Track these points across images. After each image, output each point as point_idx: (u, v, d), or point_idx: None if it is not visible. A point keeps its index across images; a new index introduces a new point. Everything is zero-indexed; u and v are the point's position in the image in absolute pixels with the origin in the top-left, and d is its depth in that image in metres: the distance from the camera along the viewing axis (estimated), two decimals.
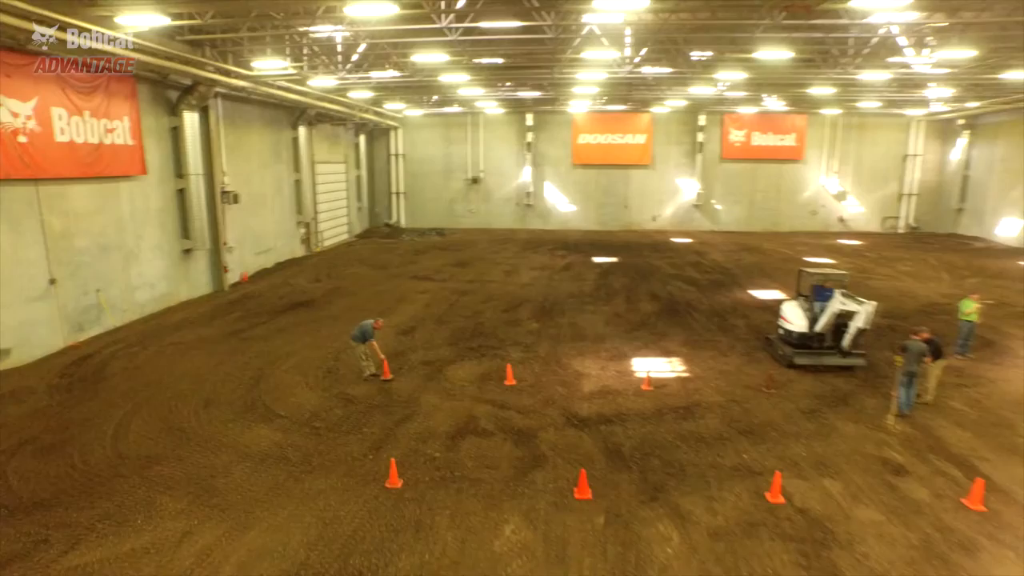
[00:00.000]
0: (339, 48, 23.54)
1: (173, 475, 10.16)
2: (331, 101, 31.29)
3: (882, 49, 22.78)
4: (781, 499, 9.27)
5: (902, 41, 21.55)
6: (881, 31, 20.63)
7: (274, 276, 27.44)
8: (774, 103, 38.85)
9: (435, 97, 37.16)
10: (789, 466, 10.24)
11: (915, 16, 17.75)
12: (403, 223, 45.03)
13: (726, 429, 11.70)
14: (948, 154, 43.91)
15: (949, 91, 31.97)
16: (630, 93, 35.00)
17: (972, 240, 40.41)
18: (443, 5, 16.49)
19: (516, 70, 27.07)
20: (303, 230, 33.81)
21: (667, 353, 16.32)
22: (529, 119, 42.96)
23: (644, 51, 23.29)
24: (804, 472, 10.13)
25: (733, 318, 19.80)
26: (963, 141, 42.64)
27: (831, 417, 12.29)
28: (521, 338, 17.67)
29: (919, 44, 22.06)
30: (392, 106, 39.18)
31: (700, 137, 43.72)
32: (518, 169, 44.60)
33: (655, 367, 15.05)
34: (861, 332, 13.80)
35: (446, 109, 41.72)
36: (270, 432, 11.72)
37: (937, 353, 12.69)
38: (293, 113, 31.21)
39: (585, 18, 18.25)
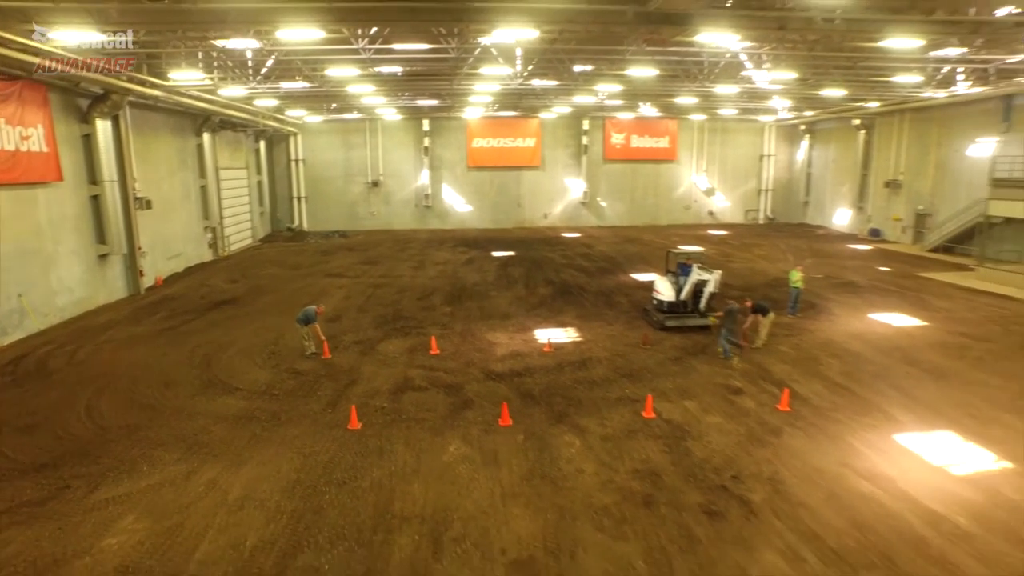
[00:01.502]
0: (250, 60, 25.03)
1: (159, 437, 11.98)
2: (237, 109, 32.38)
3: (730, 68, 27.09)
4: (652, 414, 12.50)
5: (746, 62, 25.88)
6: (728, 55, 24.76)
7: (188, 279, 28.36)
8: (649, 110, 43.46)
9: (334, 104, 38.80)
10: (659, 395, 13.52)
11: (748, 44, 21.78)
12: (305, 227, 46.09)
13: (612, 374, 14.91)
14: (795, 155, 50.45)
15: (788, 102, 37.47)
16: (520, 101, 38.23)
17: (816, 228, 46.90)
18: (359, 31, 18.76)
19: (417, 81, 29.47)
20: (210, 235, 34.56)
21: (563, 324, 19.46)
22: (426, 124, 45.34)
23: (533, 66, 26.38)
24: (670, 397, 13.45)
25: (617, 296, 23.30)
26: (805, 144, 49.35)
27: (692, 362, 15.83)
28: (438, 319, 20.25)
29: (758, 65, 26.51)
30: (294, 113, 40.41)
31: (585, 140, 47.72)
32: (416, 172, 46.85)
33: (554, 335, 18.13)
34: (713, 296, 17.53)
35: (346, 116, 43.34)
36: (235, 401, 13.69)
37: (764, 312, 16.56)
38: (197, 120, 32.05)
39: (482, 39, 21.01)
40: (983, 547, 8.30)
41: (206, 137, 32.97)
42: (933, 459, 10.77)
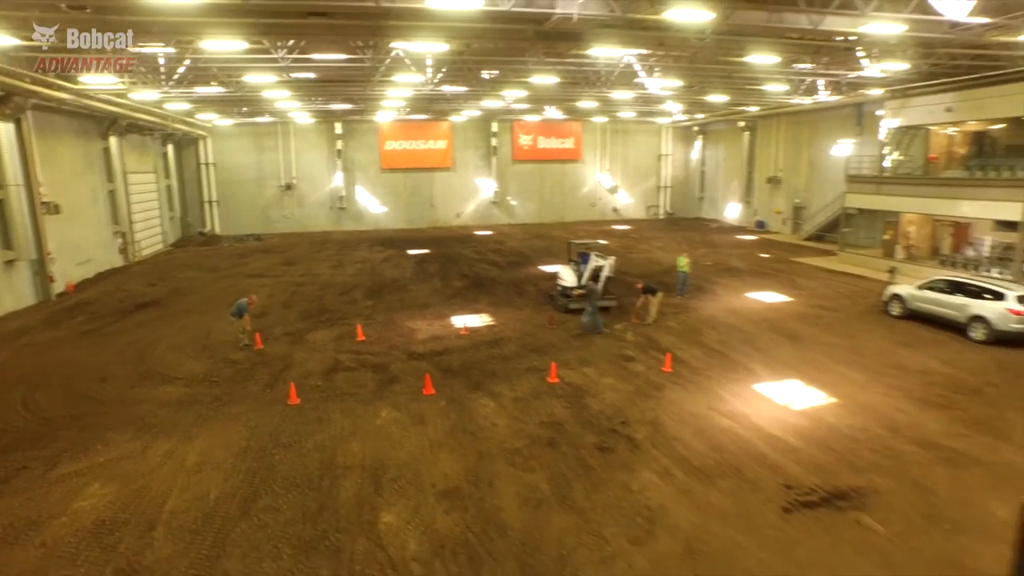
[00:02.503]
0: (163, 65, 25.40)
1: (107, 422, 12.91)
2: (146, 112, 32.33)
3: (625, 76, 29.66)
4: (556, 380, 14.53)
5: (639, 71, 28.47)
6: (622, 64, 27.23)
7: (102, 284, 28.26)
8: (554, 112, 45.92)
9: (246, 108, 39.03)
10: (563, 364, 15.57)
11: (637, 55, 24.30)
12: (218, 231, 45.82)
13: (521, 350, 16.88)
14: (690, 154, 54.40)
15: (680, 106, 40.83)
16: (431, 105, 39.78)
17: (710, 221, 50.87)
18: (279, 43, 19.90)
19: (332, 86, 30.54)
20: (120, 240, 34.21)
21: (477, 311, 21.30)
22: (339, 128, 46.11)
23: (443, 73, 28.05)
24: (572, 366, 15.54)
25: (527, 286, 25.38)
26: (699, 144, 53.36)
27: (592, 337, 18.04)
28: (361, 311, 21.63)
29: (649, 73, 29.22)
30: (204, 116, 40.33)
31: (494, 142, 49.77)
32: (330, 174, 47.50)
33: (469, 320, 19.94)
34: (610, 279, 19.85)
35: (257, 119, 43.53)
36: (175, 389, 14.70)
37: (653, 292, 19.03)
38: (103, 123, 31.75)
39: (395, 47, 22.46)
40: (804, 456, 10.77)
41: (113, 141, 32.67)
42: (780, 400, 13.34)
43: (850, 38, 20.43)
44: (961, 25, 17.28)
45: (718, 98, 34.32)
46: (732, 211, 49.42)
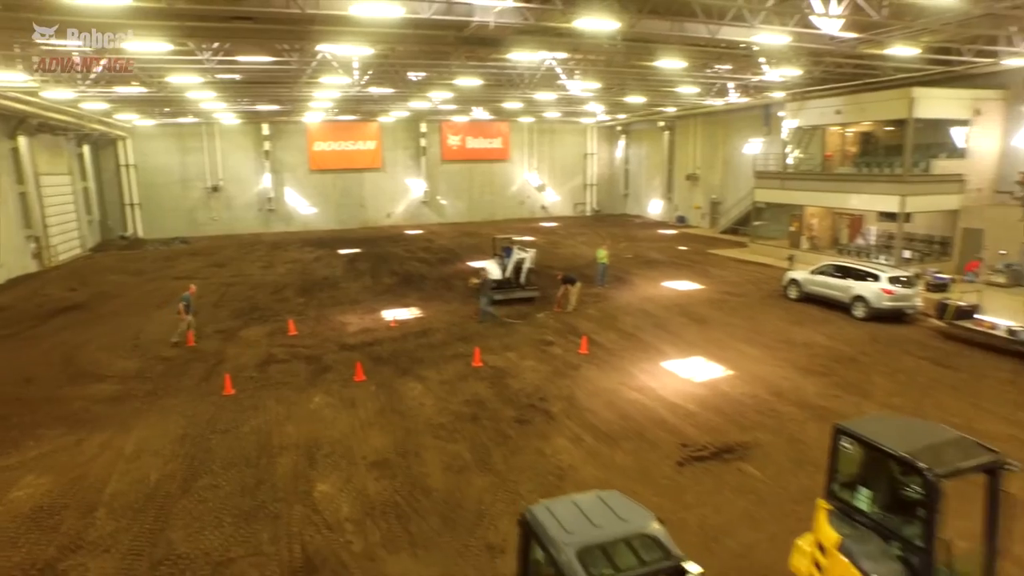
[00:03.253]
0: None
1: (36, 420, 13.07)
2: (59, 111, 31.51)
3: (547, 78, 30.91)
4: (481, 364, 15.54)
5: (561, 73, 29.76)
6: (544, 67, 28.42)
7: (15, 290, 27.40)
8: (481, 113, 46.92)
9: (167, 108, 38.36)
10: (487, 350, 16.59)
11: (557, 59, 25.54)
12: (141, 234, 44.69)
13: (448, 339, 17.83)
14: (614, 152, 56.42)
15: (602, 107, 42.52)
16: (359, 106, 40.12)
17: (635, 217, 52.94)
18: (204, 45, 20.12)
19: (258, 87, 30.61)
20: (34, 244, 33.20)
21: (407, 305, 22.10)
22: (266, 128, 45.75)
23: (370, 75, 28.61)
24: (496, 351, 16.58)
25: (455, 280, 26.27)
26: (622, 143, 55.42)
27: (515, 325, 19.14)
28: (293, 308, 22.07)
29: (570, 76, 30.58)
30: (123, 116, 39.40)
31: (423, 142, 50.37)
32: (258, 176, 47.06)
33: (399, 314, 20.73)
34: (531, 271, 21.02)
35: (180, 120, 42.76)
36: (107, 386, 14.93)
37: (572, 282, 20.31)
38: (10, 122, 30.77)
39: (320, 49, 22.92)
40: (700, 419, 12.13)
41: (22, 141, 31.63)
42: (684, 374, 14.75)
43: (753, 48, 22.33)
44: (838, 38, 19.19)
45: (636, 99, 36.07)
46: (655, 207, 51.63)
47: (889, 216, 26.80)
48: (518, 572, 5.32)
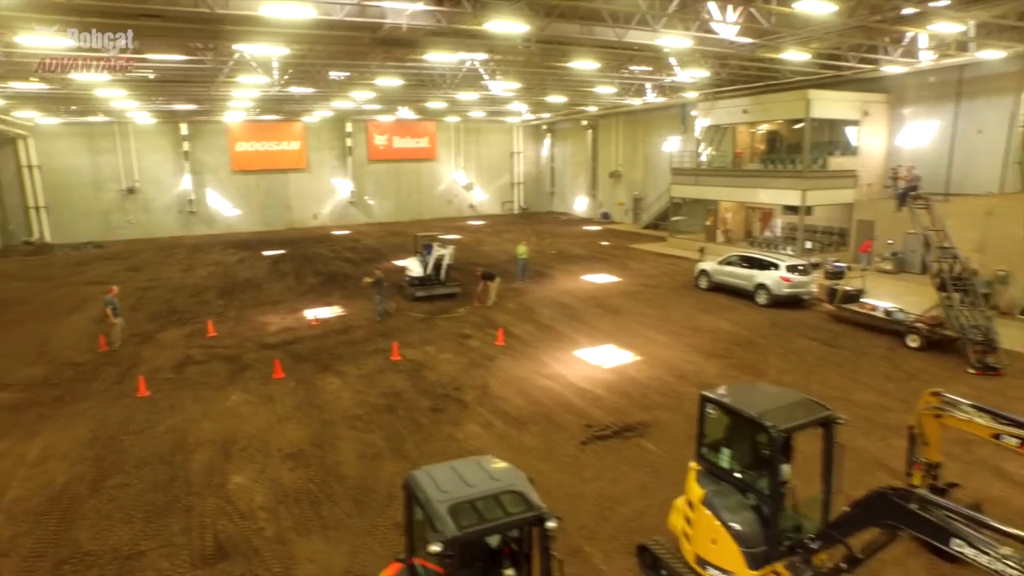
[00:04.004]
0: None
1: None
2: None
3: (470, 78, 31.34)
4: (399, 358, 15.91)
5: (483, 73, 30.25)
6: (466, 67, 28.85)
7: None
8: (407, 113, 46.96)
9: (74, 107, 36.85)
10: (406, 345, 16.96)
11: (472, 59, 26.03)
12: (49, 239, 42.69)
13: (369, 335, 18.11)
14: (540, 151, 57.41)
15: (525, 106, 43.29)
16: (281, 106, 39.58)
17: (561, 214, 54.04)
18: (111, 41, 19.62)
19: (172, 86, 29.88)
20: None
21: (329, 304, 22.21)
22: (184, 128, 44.45)
23: (290, 75, 28.39)
24: (415, 346, 16.97)
25: None
26: (548, 141, 56.46)
27: (436, 320, 19.58)
28: (213, 310, 21.82)
29: (492, 75, 31.14)
30: (23, 114, 37.55)
31: (349, 142, 49.98)
32: (177, 177, 45.67)
33: (321, 313, 20.82)
34: (451, 268, 21.51)
35: (90, 118, 41.07)
36: (8, 395, 14.48)
37: (491, 278, 20.90)
38: None
39: (237, 48, 22.69)
40: (606, 402, 12.88)
41: None
42: (594, 361, 15.53)
43: (664, 50, 23.43)
44: (735, 43, 20.44)
45: (557, 99, 36.96)
46: (580, 204, 52.88)
47: (792, 209, 28.53)
48: (405, 532, 5.78)
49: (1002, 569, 4.70)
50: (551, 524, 5.01)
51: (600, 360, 15.63)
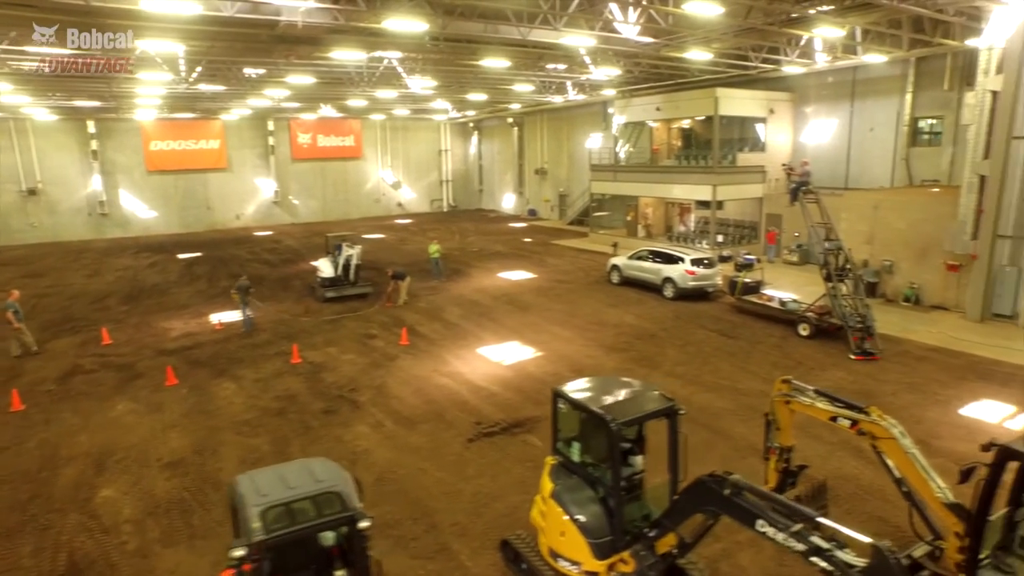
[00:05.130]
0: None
1: None
2: None
3: (388, 76, 31.01)
4: (300, 360, 15.67)
5: (401, 71, 29.96)
6: (383, 65, 28.51)
7: None
8: (329, 111, 46.16)
9: None
10: (309, 347, 16.74)
11: (391, 56, 25.80)
12: None
13: (274, 338, 17.77)
14: (468, 148, 57.38)
15: (448, 104, 43.17)
16: (195, 103, 38.29)
17: (490, 212, 54.15)
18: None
19: (69, 81, 28.47)
20: None
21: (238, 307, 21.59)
22: (92, 126, 42.47)
23: (199, 72, 27.49)
24: (318, 347, 16.77)
25: (294, 280, 25.99)
26: (475, 139, 56.46)
27: (344, 321, 19.38)
28: (113, 317, 20.97)
29: (410, 73, 30.90)
30: None
31: (271, 141, 48.78)
32: (86, 177, 43.59)
33: (228, 316, 20.25)
34: (359, 267, 21.36)
35: None
36: None
37: (402, 277, 20.84)
38: None
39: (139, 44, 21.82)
40: (499, 399, 13.03)
41: None
42: (496, 359, 15.67)
43: (582, 50, 23.79)
44: (639, 42, 20.90)
45: (478, 97, 37.01)
46: (508, 201, 53.13)
47: (705, 204, 29.40)
48: (234, 536, 5.73)
49: (792, 544, 5.03)
50: (363, 524, 5.06)
51: (502, 357, 15.78)
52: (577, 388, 7.42)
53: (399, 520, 8.93)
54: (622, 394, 7.13)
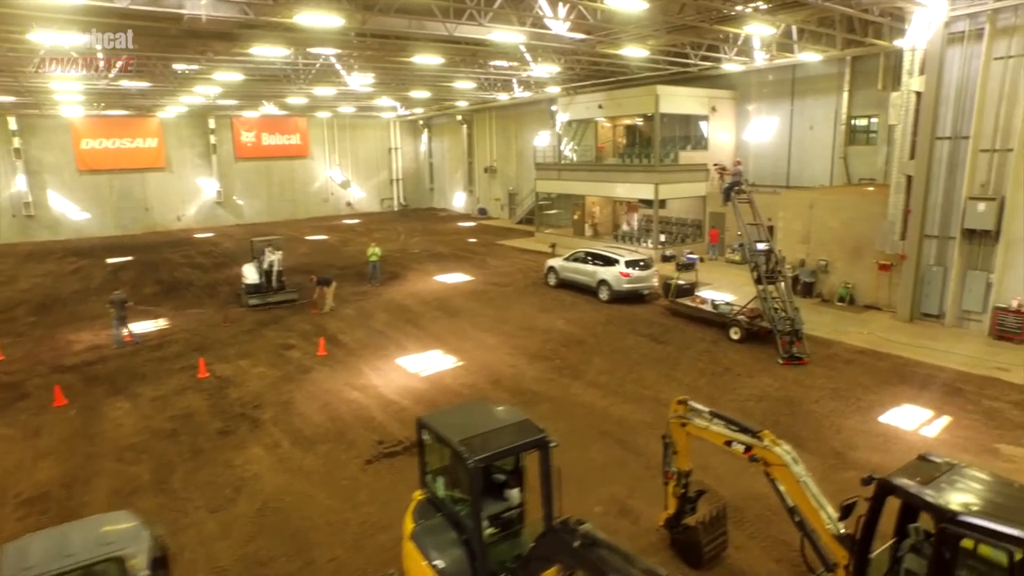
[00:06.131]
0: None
1: None
2: None
3: (327, 72, 29.97)
4: (207, 374, 14.77)
5: (340, 68, 28.96)
6: (320, 61, 27.46)
7: None
8: (272, 108, 44.73)
9: None
10: (220, 359, 15.86)
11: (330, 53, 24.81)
12: None
13: (185, 350, 16.79)
14: (419, 146, 56.43)
15: (391, 101, 42.18)
16: (124, 100, 36.65)
17: (440, 211, 53.34)
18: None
19: None
20: None
21: (156, 316, 20.54)
22: (13, 123, 40.34)
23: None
24: (230, 360, 15.88)
25: (222, 286, 24.90)
26: (425, 136, 55.53)
27: (263, 331, 18.48)
28: (16, 329, 19.69)
29: (349, 70, 29.92)
30: None
31: (213, 139, 47.15)
32: (8, 178, 41.35)
33: (142, 327, 19.16)
34: (281, 273, 20.52)
35: None
36: None
37: (327, 283, 20.03)
38: None
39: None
40: (408, 415, 12.32)
41: None
42: (414, 369, 14.99)
43: (521, 48, 23.19)
44: (570, 38, 20.39)
45: (420, 94, 36.18)
46: (459, 200, 52.38)
47: (647, 203, 29.12)
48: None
49: None
50: None
51: (420, 367, 15.12)
52: (443, 417, 6.85)
53: (272, 557, 8.23)
54: (489, 424, 6.56)
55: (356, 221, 47.61)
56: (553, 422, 11.80)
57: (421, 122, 54.44)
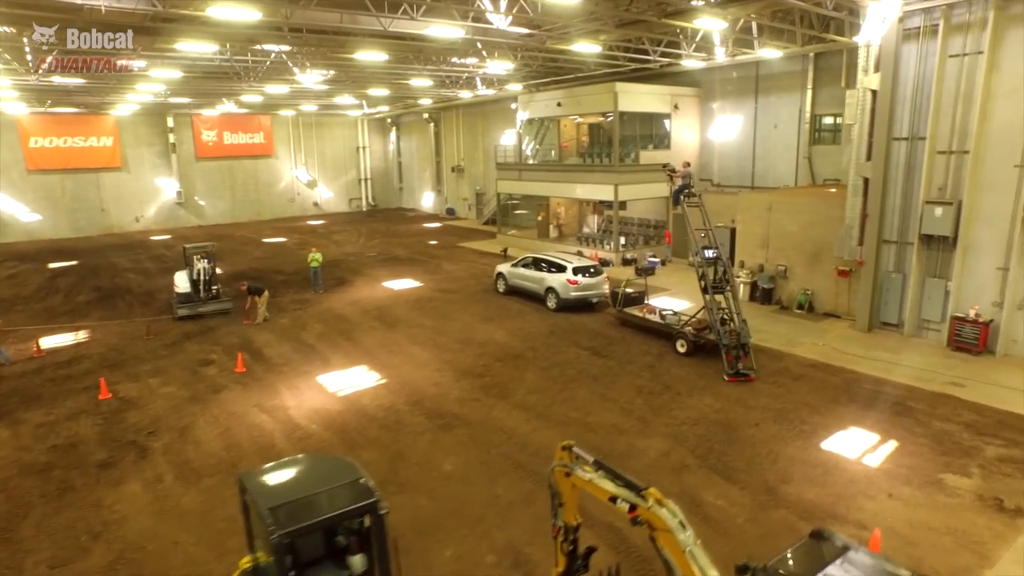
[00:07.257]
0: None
1: None
2: None
3: (277, 70, 28.73)
4: (109, 395, 13.69)
5: (292, 65, 27.77)
6: (271, 58, 26.20)
7: None
8: (231, 106, 43.37)
9: None
10: (131, 377, 14.80)
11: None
12: None
13: (95, 367, 15.67)
14: (387, 145, 55.24)
15: (351, 99, 40.95)
16: (71, 97, 35.22)
17: (409, 211, 52.21)
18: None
19: None
20: None
21: (79, 328, 19.36)
22: None
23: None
24: (140, 378, 14.79)
25: (161, 294, 23.62)
26: (394, 135, 54.35)
27: (186, 344, 17.37)
28: None
29: (302, 68, 28.72)
30: None
31: (172, 138, 45.69)
32: None
33: (58, 340, 18.01)
34: (212, 281, 19.41)
35: None
36: None
37: (259, 292, 18.96)
38: None
39: None
40: (312, 442, 11.39)
41: None
42: (332, 388, 13.98)
43: (477, 44, 22.17)
44: (519, 33, 19.42)
45: (378, 92, 35.05)
46: (428, 200, 51.30)
47: (607, 205, 28.23)
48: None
49: None
50: None
51: (340, 386, 14.10)
52: (265, 475, 5.88)
53: None
54: (313, 487, 5.62)
55: (320, 222, 46.40)
56: (464, 452, 10.93)
57: (389, 120, 53.25)
